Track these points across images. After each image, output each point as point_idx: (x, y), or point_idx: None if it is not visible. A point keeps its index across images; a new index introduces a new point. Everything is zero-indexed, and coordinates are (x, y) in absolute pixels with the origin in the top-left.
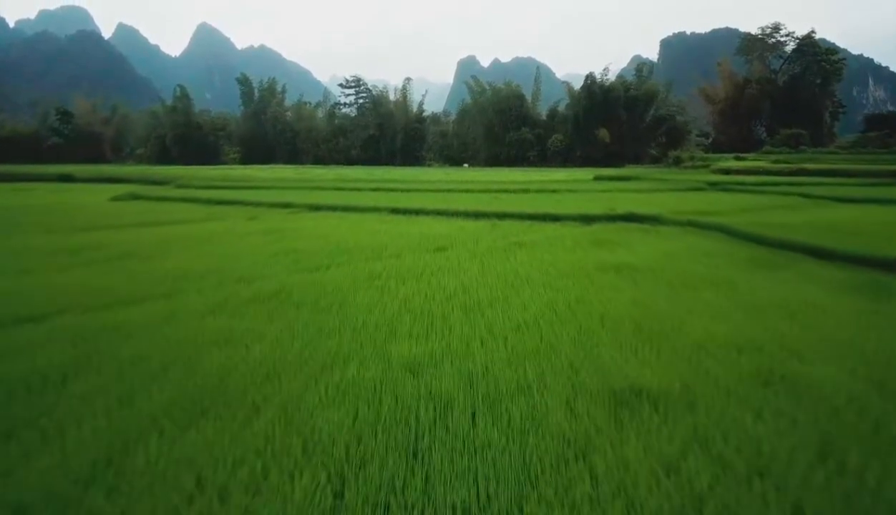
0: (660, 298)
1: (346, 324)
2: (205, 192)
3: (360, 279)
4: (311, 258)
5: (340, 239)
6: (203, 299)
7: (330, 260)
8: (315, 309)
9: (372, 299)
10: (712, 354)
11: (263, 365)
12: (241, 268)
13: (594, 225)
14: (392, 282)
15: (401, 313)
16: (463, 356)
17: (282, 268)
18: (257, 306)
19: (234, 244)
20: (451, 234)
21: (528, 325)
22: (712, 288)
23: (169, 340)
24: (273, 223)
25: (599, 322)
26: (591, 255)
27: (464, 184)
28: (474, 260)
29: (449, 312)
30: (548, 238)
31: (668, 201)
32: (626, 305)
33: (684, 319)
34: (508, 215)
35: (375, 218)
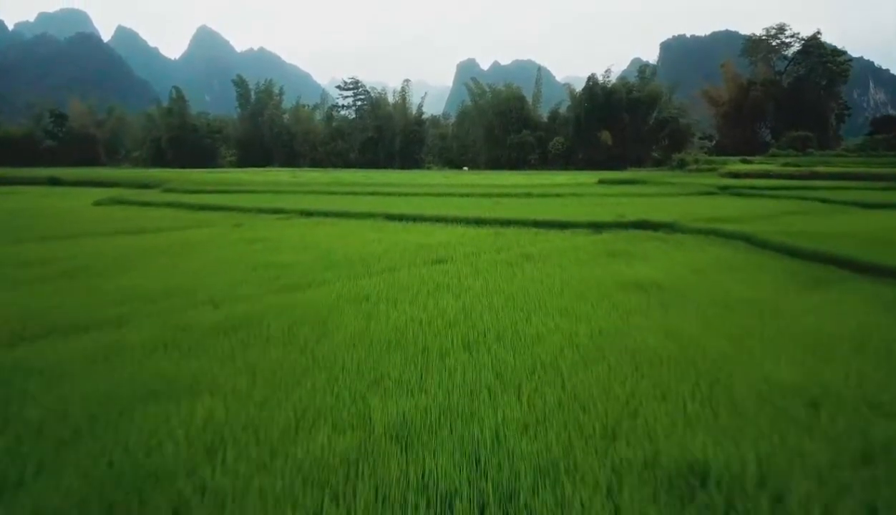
0: (697, 327)
1: (321, 366)
2: (192, 197)
3: (346, 301)
4: (293, 273)
5: (329, 249)
6: (157, 328)
7: (314, 275)
8: (287, 344)
9: (357, 329)
10: (783, 411)
11: (206, 431)
12: (212, 287)
13: (605, 233)
14: (382, 305)
15: (390, 349)
16: (466, 416)
17: (258, 287)
18: (218, 339)
19: (212, 256)
20: (450, 244)
21: (546, 367)
22: (754, 312)
23: (95, 391)
24: (259, 231)
25: (632, 361)
26: (607, 270)
27: (464, 188)
28: (477, 276)
29: (448, 348)
30: (557, 249)
31: (679, 207)
32: (660, 337)
33: (734, 358)
34: (512, 222)
35: (370, 225)
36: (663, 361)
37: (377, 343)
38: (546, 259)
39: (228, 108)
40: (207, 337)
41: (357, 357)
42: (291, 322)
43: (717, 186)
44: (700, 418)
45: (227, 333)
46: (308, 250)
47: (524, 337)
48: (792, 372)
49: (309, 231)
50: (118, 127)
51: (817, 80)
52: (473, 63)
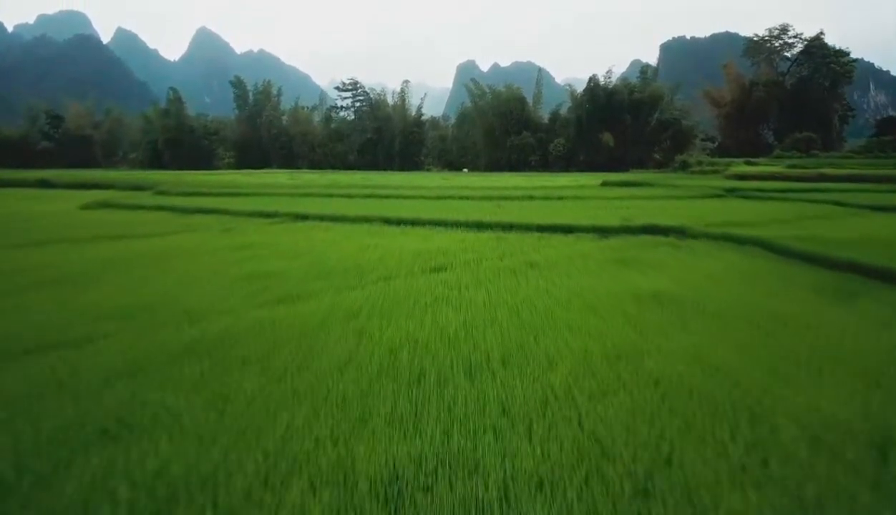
0: (724, 349)
1: (302, 398)
2: (184, 200)
3: (336, 316)
4: (281, 284)
5: (322, 256)
6: (122, 350)
7: (303, 286)
8: (265, 371)
9: (345, 351)
10: (844, 459)
11: (155, 489)
12: (192, 300)
13: (612, 238)
14: (375, 321)
15: (381, 376)
16: (468, 466)
17: (241, 300)
18: (189, 364)
19: (196, 264)
20: (450, 250)
21: (559, 399)
22: (786, 330)
23: (34, 435)
24: (249, 236)
25: (656, 392)
26: (618, 280)
27: (464, 191)
28: (479, 286)
29: (447, 374)
30: (563, 256)
31: (687, 210)
32: (685, 361)
33: (773, 388)
34: (515, 226)
35: (366, 229)
36: (692, 392)
37: (367, 368)
38: (552, 267)
39: (228, 110)
40: (177, 362)
41: (343, 387)
42: (273, 342)
43: (723, 189)
44: (747, 469)
45: (200, 357)
46: (299, 257)
47: (532, 359)
48: (843, 406)
49: (302, 236)
50: (116, 128)
51: (821, 81)
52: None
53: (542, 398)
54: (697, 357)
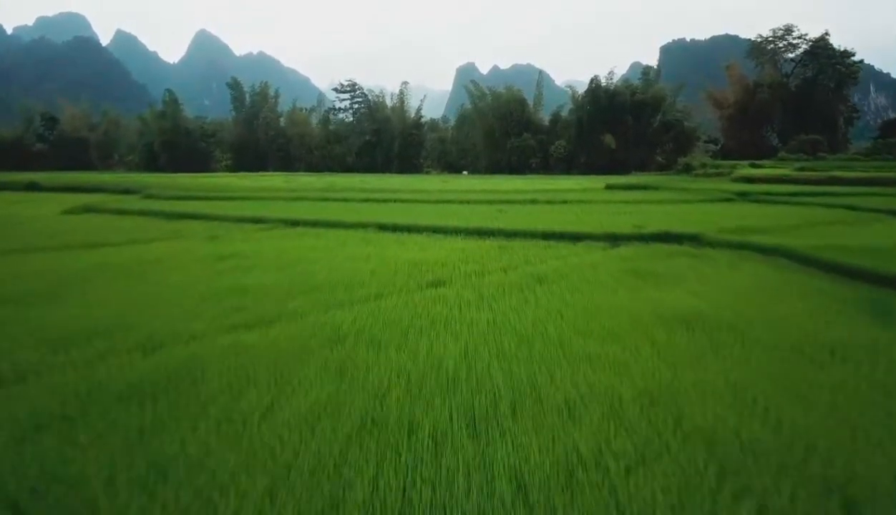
0: (778, 389)
1: (260, 466)
2: (172, 204)
3: (317, 343)
4: (260, 302)
5: (309, 268)
6: (56, 389)
7: (285, 305)
8: (222, 421)
9: (323, 393)
10: None
11: None
12: (158, 320)
13: (623, 246)
14: (362, 351)
15: (363, 432)
16: None
17: (212, 321)
18: (130, 410)
19: (171, 277)
20: (449, 261)
21: (588, 468)
22: (841, 361)
23: None
24: (234, 244)
25: (710, 457)
26: (638, 297)
27: (464, 194)
28: (481, 306)
29: (445, 428)
30: (572, 267)
31: (698, 215)
32: (734, 408)
33: (844, 441)
34: (518, 233)
35: (360, 236)
36: (757, 456)
37: (347, 418)
38: (561, 280)
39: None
40: (116, 407)
41: (314, 446)
42: (239, 378)
43: (732, 192)
44: None
45: (147, 399)
46: (284, 269)
47: (549, 406)
48: None
49: (290, 244)
50: (112, 130)
51: (826, 83)
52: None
53: (566, 466)
54: (748, 401)
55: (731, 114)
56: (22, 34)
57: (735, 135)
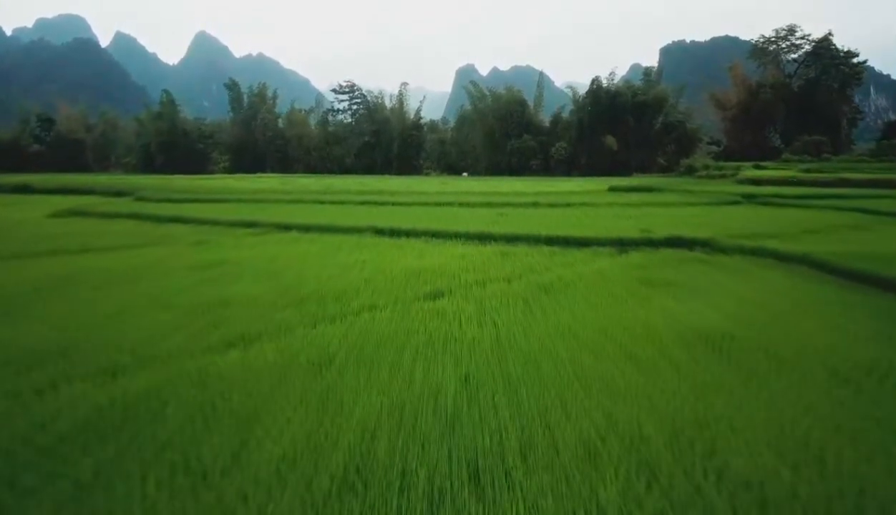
0: (821, 423)
1: None
2: (163, 207)
3: (300, 368)
4: (241, 317)
5: (299, 277)
6: None
7: (268, 320)
8: (177, 472)
9: (301, 432)
10: None
11: None
12: (127, 339)
13: (632, 252)
14: (350, 376)
15: (343, 489)
16: None
17: (186, 340)
18: (71, 455)
19: (149, 288)
20: (448, 269)
21: None
22: (880, 380)
23: None
24: (221, 251)
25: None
26: (653, 310)
27: (463, 197)
28: (484, 321)
29: (443, 480)
30: (580, 276)
31: (707, 219)
32: (775, 449)
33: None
34: (521, 238)
35: (355, 241)
36: None
37: (325, 469)
38: (569, 291)
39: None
40: (57, 452)
41: (284, 508)
42: (205, 414)
43: (739, 194)
44: None
45: (95, 441)
46: (272, 279)
47: (564, 447)
48: None
49: (281, 251)
50: (109, 132)
51: (829, 83)
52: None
53: None
54: (796, 442)
55: (733, 116)
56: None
57: (738, 136)
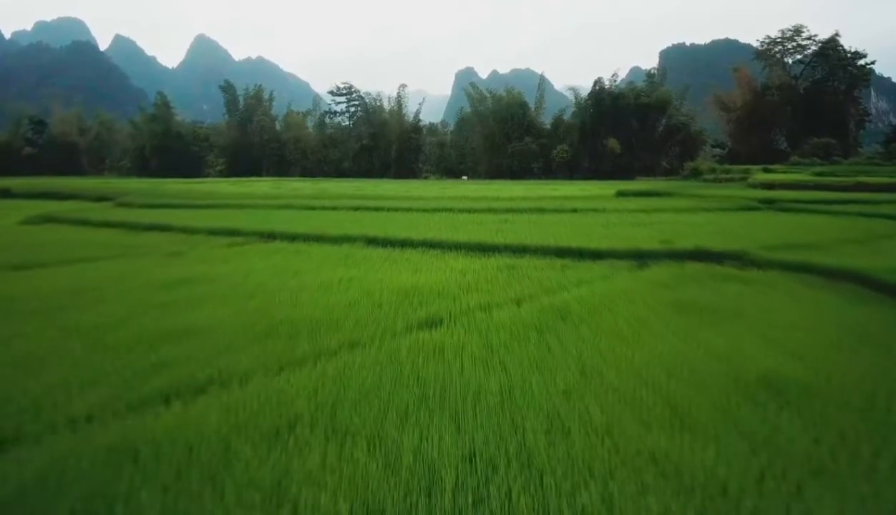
0: None
1: None
2: (144, 213)
3: (249, 438)
4: (192, 356)
5: (274, 299)
6: None
7: (225, 359)
8: None
9: None
10: None
11: None
12: (46, 389)
13: (653, 265)
14: (315, 451)
15: None
16: None
17: (109, 395)
18: None
19: (93, 315)
20: (447, 288)
21: None
22: None
23: None
24: (193, 265)
25: None
26: (695, 344)
27: (464, 202)
28: (490, 361)
29: None
30: (600, 296)
31: (728, 227)
32: None
33: None
34: (528, 250)
35: (344, 253)
36: None
37: None
38: (591, 318)
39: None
40: None
41: None
42: None
43: (755, 199)
44: None
45: None
46: (242, 300)
47: None
48: None
49: (260, 264)
50: (104, 135)
51: (836, 85)
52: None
53: None
54: None
55: (739, 118)
56: (21, 39)
57: (743, 139)
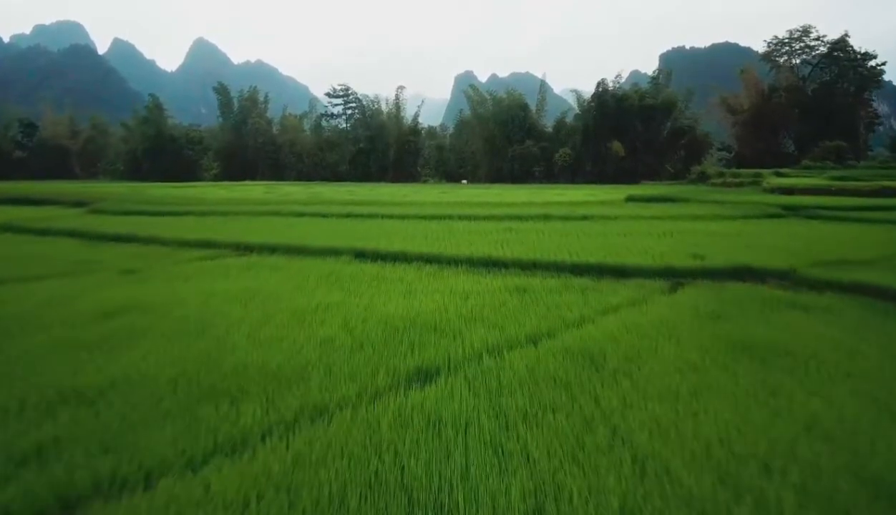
0: None
1: None
2: (113, 221)
3: None
4: (97, 427)
5: (227, 338)
6: None
7: (135, 443)
8: None
9: None
10: None
11: None
12: None
13: (687, 286)
14: None
15: None
16: None
17: None
18: None
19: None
20: (446, 318)
21: None
22: None
23: None
24: (146, 285)
25: None
26: (774, 405)
27: (464, 208)
28: (507, 444)
29: None
30: (634, 330)
31: (757, 237)
32: None
33: None
34: (539, 265)
35: (328, 270)
36: None
37: None
38: (630, 365)
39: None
40: None
41: None
42: None
43: (778, 206)
44: None
45: None
46: (188, 340)
47: None
48: None
49: (225, 285)
50: (99, 138)
51: (846, 87)
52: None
53: None
54: None
55: (745, 120)
56: (19, 42)
57: (749, 142)
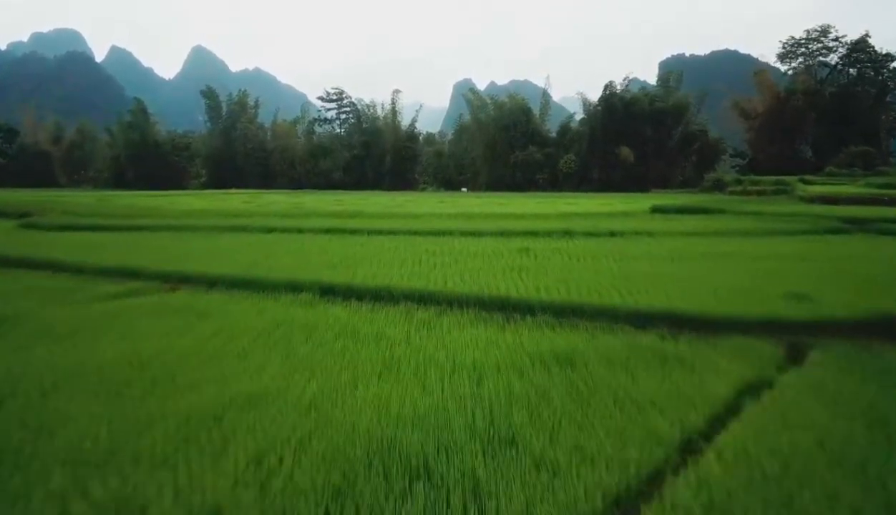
0: None
1: None
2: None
3: None
4: None
5: (72, 460)
6: None
7: None
8: None
9: None
10: None
11: None
12: None
13: (814, 353)
14: None
15: None
16: None
17: None
18: None
19: None
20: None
21: None
22: None
23: None
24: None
25: None
26: None
27: (466, 221)
28: None
29: None
30: (781, 461)
31: (849, 262)
32: None
33: None
34: (579, 312)
35: (278, 317)
36: None
37: None
38: None
39: None
40: None
41: None
42: None
43: (836, 218)
44: None
45: None
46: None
47: None
48: None
49: (116, 348)
50: (87, 144)
51: (867, 90)
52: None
53: None
54: None
55: (760, 125)
56: (16, 50)
57: (765, 147)
